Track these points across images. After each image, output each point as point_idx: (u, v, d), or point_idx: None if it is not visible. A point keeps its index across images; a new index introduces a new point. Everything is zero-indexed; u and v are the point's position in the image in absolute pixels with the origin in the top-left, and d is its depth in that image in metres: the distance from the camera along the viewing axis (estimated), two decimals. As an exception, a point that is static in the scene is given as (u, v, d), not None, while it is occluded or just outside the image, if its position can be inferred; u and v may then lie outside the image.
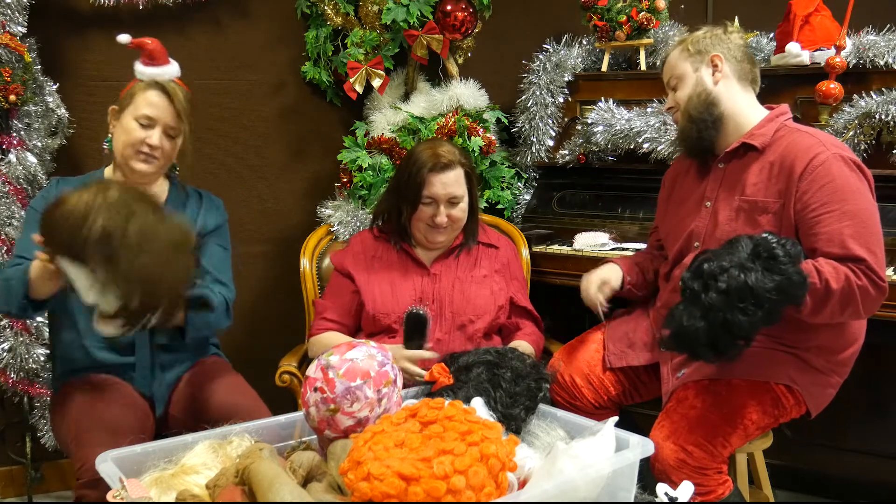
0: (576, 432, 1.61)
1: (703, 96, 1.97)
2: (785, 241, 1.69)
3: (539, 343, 2.28)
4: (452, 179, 2.17)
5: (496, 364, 1.76)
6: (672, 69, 2.03)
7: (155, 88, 1.96)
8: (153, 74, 1.98)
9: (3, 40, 2.32)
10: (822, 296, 1.72)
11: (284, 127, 2.95)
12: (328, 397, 1.52)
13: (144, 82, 1.97)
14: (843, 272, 1.72)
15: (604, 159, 2.79)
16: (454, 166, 2.18)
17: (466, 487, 1.24)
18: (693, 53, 1.99)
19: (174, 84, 1.99)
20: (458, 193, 2.19)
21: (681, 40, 2.05)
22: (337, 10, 2.75)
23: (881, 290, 1.75)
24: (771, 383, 1.86)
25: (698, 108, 1.96)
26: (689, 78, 1.99)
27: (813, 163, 1.81)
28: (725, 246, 1.74)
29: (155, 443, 1.57)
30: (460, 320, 2.19)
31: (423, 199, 2.18)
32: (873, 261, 1.74)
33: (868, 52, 2.41)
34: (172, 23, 2.72)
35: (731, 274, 1.66)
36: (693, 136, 1.98)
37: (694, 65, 1.99)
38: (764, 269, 1.65)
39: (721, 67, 1.97)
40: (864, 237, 1.76)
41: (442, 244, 2.26)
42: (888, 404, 2.48)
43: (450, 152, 2.19)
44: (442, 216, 2.18)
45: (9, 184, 2.39)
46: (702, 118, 1.96)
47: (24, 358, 2.40)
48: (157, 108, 1.95)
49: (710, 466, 1.80)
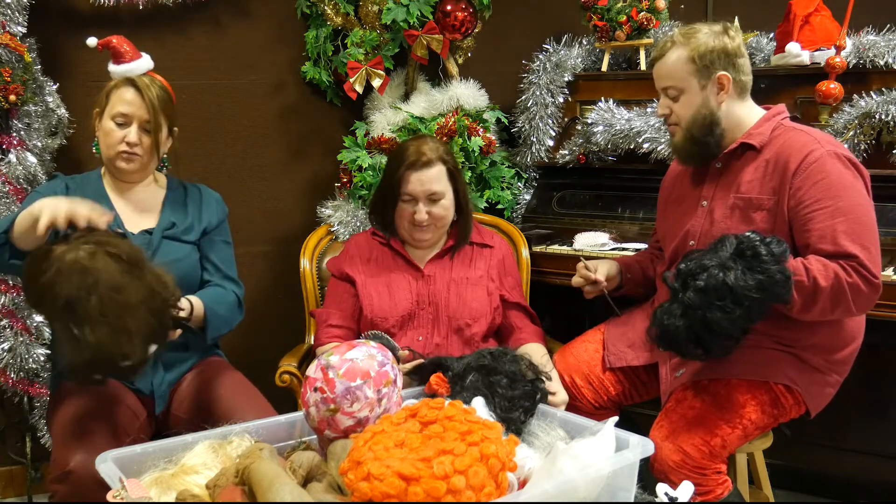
0: (576, 432, 1.61)
1: (707, 119, 1.91)
2: (770, 240, 1.70)
3: (542, 341, 2.24)
4: (431, 177, 2.16)
5: (491, 369, 1.75)
6: (673, 78, 1.93)
7: (126, 85, 1.98)
8: (124, 72, 1.99)
9: (3, 40, 2.32)
10: (811, 293, 1.73)
11: (284, 127, 2.95)
12: (328, 397, 1.52)
13: (116, 81, 1.99)
14: (833, 269, 1.72)
15: (604, 159, 2.79)
16: (434, 164, 2.16)
17: (466, 487, 1.24)
18: (700, 68, 1.89)
19: (146, 78, 2.00)
20: (437, 190, 2.17)
21: (683, 43, 1.92)
22: (337, 10, 2.75)
23: (874, 287, 1.74)
24: (770, 383, 1.86)
25: (702, 131, 1.92)
26: (694, 95, 1.91)
27: (807, 159, 1.81)
28: (711, 245, 1.75)
29: (155, 443, 1.57)
30: (457, 324, 2.17)
31: (402, 197, 2.17)
32: (866, 257, 1.74)
33: (868, 52, 2.41)
34: (172, 23, 2.72)
35: (710, 273, 1.67)
36: (693, 153, 1.96)
37: (701, 81, 1.90)
38: (746, 267, 1.66)
39: (727, 88, 1.91)
40: (857, 233, 1.75)
41: (428, 242, 2.24)
42: (888, 404, 2.48)
43: (431, 150, 2.17)
44: (421, 213, 2.16)
45: (9, 184, 2.39)
46: (705, 141, 1.93)
47: (24, 358, 2.40)
48: (129, 104, 1.96)
49: (709, 466, 1.80)
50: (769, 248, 1.68)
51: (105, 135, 1.97)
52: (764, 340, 1.86)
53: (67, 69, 2.62)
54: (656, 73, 1.99)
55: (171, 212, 2.06)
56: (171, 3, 2.63)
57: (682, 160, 2.04)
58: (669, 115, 1.98)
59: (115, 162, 1.98)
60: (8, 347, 2.39)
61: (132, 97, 1.97)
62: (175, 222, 2.04)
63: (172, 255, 1.99)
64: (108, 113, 1.97)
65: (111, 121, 1.96)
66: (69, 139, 2.57)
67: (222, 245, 2.12)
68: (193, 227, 2.07)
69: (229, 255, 2.13)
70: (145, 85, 1.98)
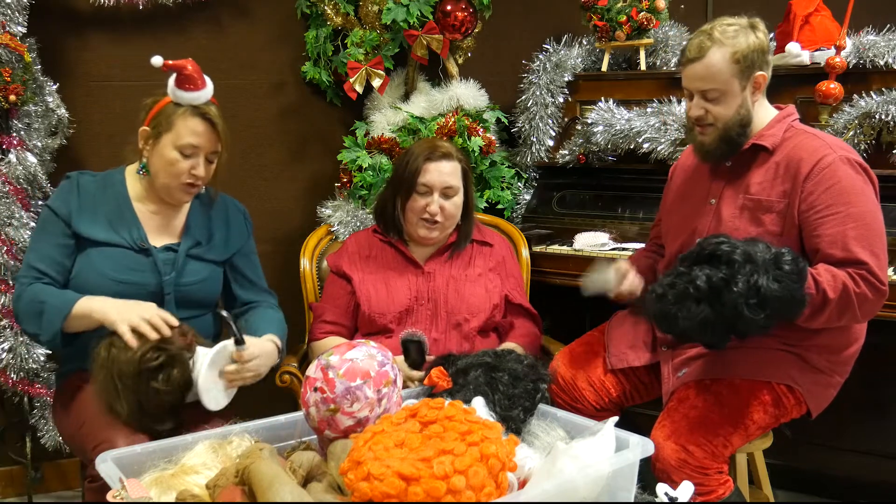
0: (576, 432, 1.61)
1: (745, 119, 1.89)
2: (800, 260, 1.69)
3: (534, 342, 2.27)
4: (449, 169, 2.19)
5: (494, 367, 1.76)
6: (716, 81, 1.85)
7: (196, 116, 1.86)
8: (192, 99, 1.87)
9: (3, 40, 2.32)
10: (819, 305, 1.73)
11: (284, 127, 2.95)
12: (328, 397, 1.52)
13: (183, 107, 1.86)
14: (842, 280, 1.73)
15: (604, 159, 2.79)
16: (451, 158, 2.20)
17: (466, 487, 1.24)
18: (743, 69, 1.83)
19: (214, 108, 1.90)
20: (453, 184, 2.19)
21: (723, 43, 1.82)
22: (337, 10, 2.75)
23: (880, 294, 1.75)
24: (772, 383, 1.86)
25: (738, 131, 1.89)
26: (735, 97, 1.86)
27: (819, 164, 1.81)
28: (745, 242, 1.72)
29: (155, 443, 1.57)
30: (455, 319, 2.19)
31: (417, 188, 2.18)
32: (875, 264, 1.74)
33: (868, 52, 2.41)
34: (172, 23, 2.71)
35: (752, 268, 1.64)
36: (723, 151, 1.92)
37: (742, 83, 1.85)
38: (775, 278, 1.65)
39: (762, 87, 1.89)
40: (868, 240, 1.76)
41: (433, 241, 2.26)
42: (888, 404, 2.48)
43: (449, 146, 2.24)
44: (434, 206, 2.18)
45: (9, 184, 2.39)
46: (738, 141, 1.90)
47: (24, 358, 2.40)
48: (200, 136, 1.87)
49: (712, 466, 1.80)
50: (799, 268, 1.66)
51: (169, 164, 1.87)
52: (767, 340, 1.86)
53: (67, 69, 2.62)
54: (693, 74, 1.88)
55: (196, 228, 2.01)
56: (171, 3, 2.63)
57: (707, 158, 1.98)
58: (704, 116, 1.90)
59: (174, 191, 1.91)
60: (8, 347, 2.39)
61: (204, 130, 1.86)
62: (200, 241, 2.00)
63: (196, 275, 1.97)
64: (173, 141, 1.85)
65: (176, 151, 1.86)
66: (69, 139, 2.57)
67: (251, 259, 2.13)
68: (217, 246, 2.03)
69: (257, 266, 2.15)
70: (216, 115, 1.88)
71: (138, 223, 1.94)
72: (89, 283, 1.86)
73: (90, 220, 1.89)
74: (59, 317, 1.78)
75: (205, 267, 2.00)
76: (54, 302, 1.80)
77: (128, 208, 1.94)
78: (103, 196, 1.93)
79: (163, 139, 1.87)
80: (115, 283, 1.86)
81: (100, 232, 1.89)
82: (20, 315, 1.86)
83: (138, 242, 1.92)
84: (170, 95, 1.88)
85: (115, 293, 1.84)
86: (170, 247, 1.97)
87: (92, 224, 1.89)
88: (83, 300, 1.80)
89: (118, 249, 1.90)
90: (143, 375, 1.67)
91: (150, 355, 1.68)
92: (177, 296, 1.93)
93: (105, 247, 1.89)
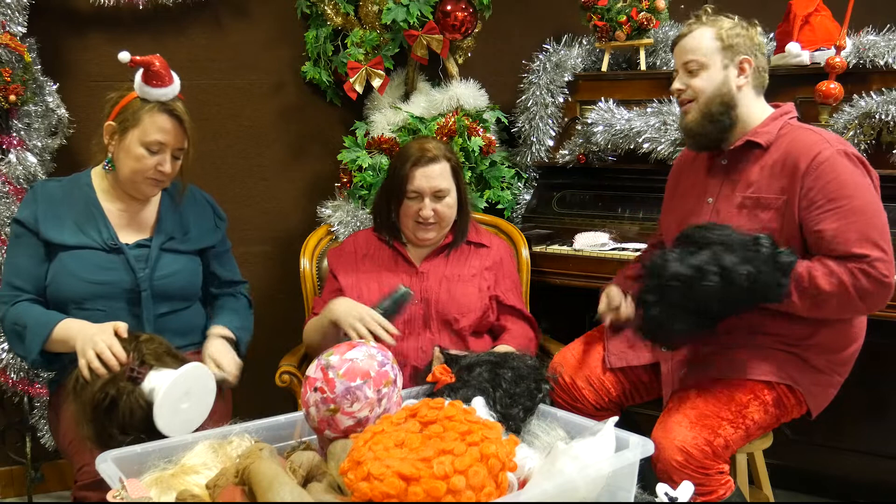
0: (576, 432, 1.61)
1: (726, 98, 1.92)
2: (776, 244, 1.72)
3: (527, 346, 2.23)
4: (436, 173, 2.18)
5: (498, 364, 1.77)
6: (697, 52, 1.92)
7: (163, 112, 1.86)
8: (160, 96, 1.87)
9: (3, 40, 2.32)
10: (813, 296, 1.75)
11: (284, 127, 2.95)
12: (328, 397, 1.52)
13: (150, 104, 1.86)
14: (839, 275, 1.73)
15: (604, 159, 2.79)
16: (438, 160, 2.18)
17: (466, 487, 1.24)
18: (726, 47, 1.90)
19: (181, 104, 1.90)
20: (442, 186, 2.18)
21: (711, 23, 1.93)
22: (337, 10, 2.75)
23: (886, 286, 1.74)
24: (773, 383, 1.86)
25: (719, 109, 1.92)
26: (716, 72, 1.91)
27: (817, 159, 1.81)
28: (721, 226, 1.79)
29: (155, 443, 1.57)
30: (445, 318, 2.18)
31: (408, 194, 2.18)
32: (879, 256, 1.73)
33: (868, 52, 2.41)
34: (172, 23, 2.72)
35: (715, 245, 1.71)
36: (706, 132, 1.95)
37: (724, 60, 1.91)
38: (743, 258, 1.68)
39: (747, 74, 1.92)
40: (869, 233, 1.75)
41: (431, 241, 2.26)
42: (888, 404, 2.48)
43: (435, 147, 2.21)
44: (427, 210, 2.18)
45: (9, 184, 2.39)
46: (720, 120, 1.93)
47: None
48: (167, 133, 1.87)
49: (712, 466, 1.80)
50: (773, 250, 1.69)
51: (135, 159, 1.87)
52: (767, 340, 1.86)
53: (67, 69, 2.62)
54: (679, 49, 1.97)
55: (168, 223, 2.02)
56: (171, 3, 2.63)
57: (693, 141, 2.01)
58: (685, 91, 1.95)
59: (140, 185, 1.92)
60: (8, 347, 2.39)
61: (171, 126, 1.87)
62: (174, 235, 2.01)
63: (171, 267, 1.98)
64: (139, 138, 1.86)
65: (143, 147, 1.86)
66: (69, 139, 2.57)
67: (224, 255, 2.14)
68: (191, 237, 2.04)
69: (231, 260, 2.15)
70: (183, 112, 1.89)
71: (107, 222, 1.94)
72: (65, 288, 1.88)
73: (57, 226, 1.90)
74: (39, 341, 1.80)
75: (179, 259, 2.00)
76: (34, 326, 1.82)
77: (96, 209, 1.94)
78: (70, 200, 1.94)
79: (129, 135, 1.87)
80: (89, 285, 1.87)
81: (68, 236, 1.90)
82: (6, 335, 1.90)
83: (108, 242, 1.92)
84: (137, 91, 1.88)
85: (91, 294, 1.87)
86: (142, 243, 1.97)
87: (60, 229, 1.90)
88: (61, 324, 1.81)
89: (88, 251, 1.90)
90: (102, 410, 1.65)
91: (99, 395, 1.65)
92: (154, 291, 1.94)
93: (75, 250, 1.90)
